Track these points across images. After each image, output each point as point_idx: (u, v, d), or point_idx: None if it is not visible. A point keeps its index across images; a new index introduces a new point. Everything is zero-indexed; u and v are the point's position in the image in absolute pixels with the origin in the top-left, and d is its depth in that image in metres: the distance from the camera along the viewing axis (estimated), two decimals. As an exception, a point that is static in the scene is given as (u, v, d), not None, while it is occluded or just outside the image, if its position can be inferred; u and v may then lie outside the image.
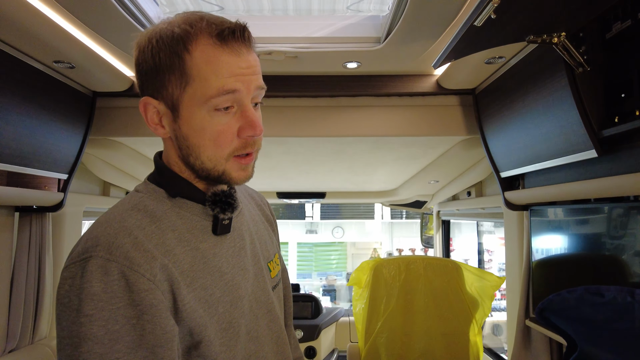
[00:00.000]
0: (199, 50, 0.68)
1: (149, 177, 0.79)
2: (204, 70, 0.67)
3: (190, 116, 0.70)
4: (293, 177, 2.90)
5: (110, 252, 0.62)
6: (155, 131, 0.75)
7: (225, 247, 0.78)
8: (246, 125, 0.71)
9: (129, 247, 0.63)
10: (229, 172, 0.73)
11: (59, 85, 1.53)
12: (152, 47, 0.70)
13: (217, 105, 0.69)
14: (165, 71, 0.69)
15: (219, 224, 0.76)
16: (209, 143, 0.71)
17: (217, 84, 0.67)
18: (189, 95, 0.69)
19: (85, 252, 0.63)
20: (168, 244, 0.68)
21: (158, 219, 0.70)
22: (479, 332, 2.15)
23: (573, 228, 1.44)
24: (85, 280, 0.60)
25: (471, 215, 2.87)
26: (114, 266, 0.61)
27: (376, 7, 1.48)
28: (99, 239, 0.64)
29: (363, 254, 10.51)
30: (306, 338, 3.01)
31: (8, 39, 1.22)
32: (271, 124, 1.80)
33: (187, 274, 0.69)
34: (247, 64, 0.70)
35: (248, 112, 0.71)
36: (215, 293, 0.72)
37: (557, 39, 1.00)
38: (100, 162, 2.16)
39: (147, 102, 0.72)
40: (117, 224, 0.66)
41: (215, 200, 0.76)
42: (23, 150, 1.39)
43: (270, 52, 1.44)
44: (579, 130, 1.09)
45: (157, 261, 0.65)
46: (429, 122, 1.78)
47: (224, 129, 0.70)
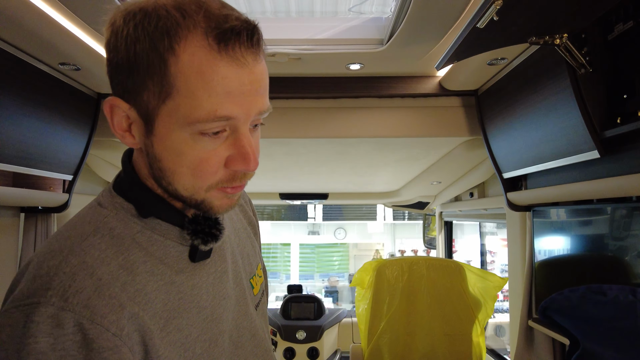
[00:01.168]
0: (188, 52, 0.50)
1: (114, 186, 0.63)
2: (192, 82, 0.50)
3: (167, 135, 0.54)
4: (295, 178, 2.91)
5: (66, 299, 0.48)
6: (123, 139, 0.58)
7: (204, 275, 0.65)
8: (238, 156, 0.55)
9: (90, 292, 0.50)
10: (209, 201, 0.59)
11: (64, 87, 1.54)
12: (127, 32, 0.52)
13: (203, 130, 0.52)
14: (140, 72, 0.52)
15: (198, 250, 0.63)
16: (186, 171, 0.55)
17: (207, 105, 0.51)
18: (168, 109, 0.52)
19: (32, 295, 0.49)
20: (138, 281, 0.55)
21: (126, 248, 0.56)
22: (482, 332, 2.16)
23: (575, 229, 1.44)
24: (29, 334, 0.46)
25: (474, 216, 2.87)
26: (69, 317, 0.48)
27: (378, 9, 1.49)
28: (52, 279, 0.50)
29: (365, 255, 10.50)
30: (309, 339, 3.01)
31: (14, 41, 1.24)
32: (274, 125, 1.80)
33: (161, 316, 0.57)
34: (251, 78, 0.53)
35: (243, 140, 0.55)
36: (192, 333, 0.60)
37: (559, 40, 1.00)
38: (104, 163, 2.18)
39: (114, 103, 0.56)
40: (75, 259, 0.52)
41: (196, 230, 0.62)
42: (29, 151, 1.41)
43: (274, 53, 1.45)
44: (581, 131, 1.09)
45: (125, 310, 0.52)
46: (431, 123, 1.79)
47: (208, 156, 0.54)
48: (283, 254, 10.82)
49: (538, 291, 1.60)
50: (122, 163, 0.64)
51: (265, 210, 10.38)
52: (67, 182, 1.75)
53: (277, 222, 10.57)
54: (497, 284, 2.11)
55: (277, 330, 3.08)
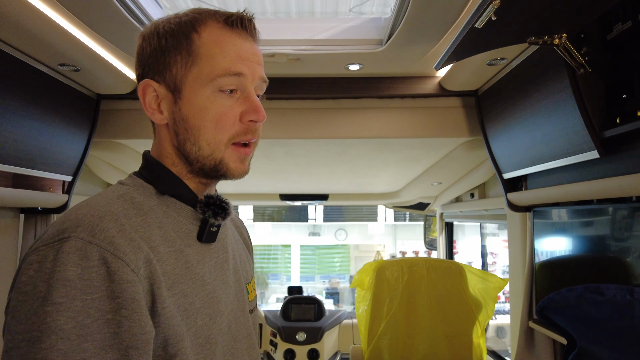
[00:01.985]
0: (207, 31, 0.68)
1: (135, 173, 0.73)
2: (211, 49, 0.67)
3: (193, 96, 0.67)
4: (296, 179, 2.91)
5: (93, 235, 0.55)
6: (152, 116, 0.71)
7: (208, 257, 0.72)
8: (250, 109, 0.69)
9: (114, 232, 0.57)
10: (226, 161, 0.69)
11: (63, 88, 1.55)
12: (158, 32, 0.69)
13: (222, 86, 0.67)
14: (171, 52, 0.68)
15: (207, 229, 0.71)
16: (209, 124, 0.67)
17: (224, 63, 0.66)
18: (193, 75, 0.67)
19: (62, 233, 0.55)
20: (153, 239, 0.62)
21: (145, 212, 0.65)
22: (482, 334, 2.15)
23: (576, 229, 1.44)
24: (59, 263, 0.52)
25: (474, 217, 2.87)
26: (95, 250, 0.54)
27: (378, 10, 1.49)
28: (81, 220, 0.56)
29: (366, 257, 10.49)
30: (309, 340, 3.01)
31: (14, 42, 1.24)
32: (274, 126, 1.80)
33: (169, 276, 0.62)
34: (253, 50, 0.70)
35: (252, 97, 0.70)
36: (196, 302, 0.66)
37: (558, 40, 1.00)
38: (103, 164, 2.18)
39: (147, 84, 0.69)
40: (102, 208, 0.59)
41: (208, 203, 0.71)
42: (28, 152, 1.41)
43: (273, 54, 1.45)
44: (581, 131, 1.09)
45: (142, 253, 0.58)
46: (431, 123, 1.78)
47: (226, 110, 0.68)
48: (284, 256, 10.81)
49: (538, 292, 1.59)
50: (143, 155, 0.75)
51: (266, 212, 10.37)
52: (67, 183, 1.75)
53: (278, 224, 10.57)
54: (498, 285, 2.10)
55: (278, 332, 3.07)
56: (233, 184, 3.18)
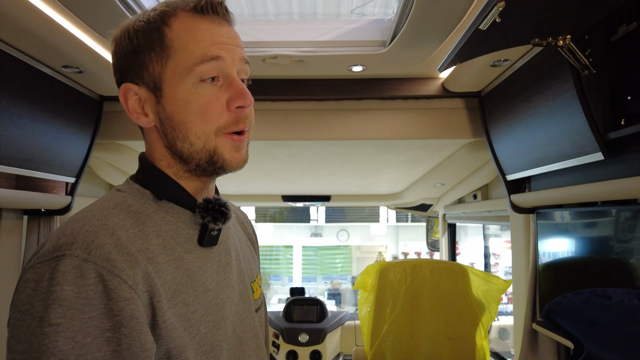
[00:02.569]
0: (177, 22, 0.65)
1: (132, 177, 0.71)
2: (184, 38, 0.64)
3: (174, 91, 0.65)
4: (298, 180, 2.91)
5: (89, 252, 0.54)
6: (138, 120, 0.68)
7: (210, 261, 0.70)
8: (235, 95, 0.66)
9: (110, 248, 0.55)
10: (221, 151, 0.66)
11: (67, 89, 1.55)
12: (128, 33, 0.66)
13: (202, 75, 0.64)
14: (144, 50, 0.65)
15: (207, 234, 0.69)
16: (195, 117, 0.64)
17: (199, 50, 0.64)
18: (171, 69, 0.64)
19: (57, 250, 0.54)
20: (152, 250, 0.61)
21: (142, 221, 0.63)
22: (486, 336, 2.14)
23: (580, 231, 1.43)
24: (55, 282, 0.51)
25: (477, 219, 2.86)
26: (91, 268, 0.53)
27: (381, 11, 1.49)
28: (76, 236, 0.55)
29: (368, 258, 10.49)
30: (311, 342, 3.00)
31: (18, 44, 1.24)
32: (276, 127, 1.80)
33: (169, 287, 0.61)
34: (229, 34, 0.67)
35: (235, 81, 0.66)
36: (198, 311, 0.64)
37: (563, 41, 1.00)
38: (106, 165, 2.18)
39: (127, 88, 0.67)
40: (97, 222, 0.58)
41: (207, 208, 0.69)
42: (32, 153, 1.41)
43: (276, 56, 1.45)
44: (585, 133, 1.09)
45: (140, 268, 0.57)
46: (434, 125, 1.78)
47: (211, 100, 0.65)
48: (285, 256, 10.81)
49: (542, 294, 1.59)
50: (139, 158, 0.73)
51: (268, 213, 10.37)
52: (70, 184, 1.75)
53: (280, 224, 10.57)
54: (501, 286, 2.09)
55: (280, 333, 3.07)
56: (235, 185, 3.18)
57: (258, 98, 1.79)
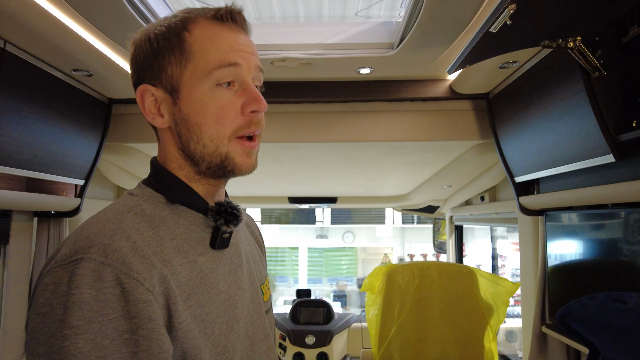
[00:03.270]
0: (198, 28, 0.67)
1: (144, 181, 0.72)
2: (204, 44, 0.66)
3: (192, 93, 0.67)
4: (305, 182, 2.91)
5: (106, 255, 0.55)
6: (153, 121, 0.70)
7: (222, 264, 0.71)
8: (250, 100, 0.68)
9: (127, 251, 0.56)
10: (232, 155, 0.68)
11: (76, 92, 1.56)
12: (149, 37, 0.68)
13: (219, 80, 0.66)
14: (164, 53, 0.67)
15: (219, 237, 0.70)
16: (210, 120, 0.66)
17: (217, 55, 0.66)
18: (189, 72, 0.67)
19: (74, 254, 0.55)
20: (166, 253, 0.62)
21: (156, 225, 0.64)
22: (494, 338, 2.13)
23: (589, 234, 1.42)
24: (73, 285, 0.52)
25: (484, 221, 2.85)
26: (108, 271, 0.54)
27: (386, 13, 1.49)
28: (92, 240, 0.56)
29: (374, 260, 10.47)
30: (318, 344, 3.00)
31: (28, 47, 1.25)
32: (284, 129, 1.81)
33: (184, 289, 0.62)
34: (246, 42, 0.70)
35: (250, 87, 0.69)
36: (212, 312, 0.66)
37: (573, 43, 0.99)
38: (115, 167, 2.20)
39: (144, 89, 0.69)
40: (113, 226, 0.59)
41: (219, 211, 0.70)
42: (42, 156, 1.42)
43: (284, 58, 1.46)
44: (596, 135, 1.08)
45: (156, 270, 0.58)
46: (442, 126, 1.78)
47: (226, 104, 0.67)
48: (291, 258, 10.82)
49: (551, 297, 1.58)
50: (150, 162, 0.74)
51: (274, 214, 10.39)
52: (79, 186, 1.77)
53: (285, 226, 10.59)
54: (509, 289, 2.08)
55: (287, 335, 3.07)
56: (242, 187, 3.19)
57: (266, 100, 1.80)
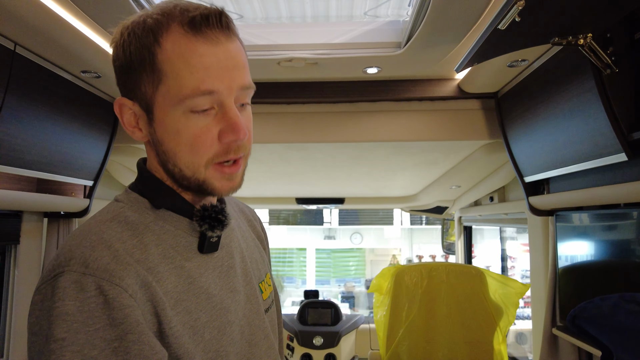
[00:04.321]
0: (169, 41, 0.59)
1: (130, 186, 0.70)
2: (176, 64, 0.59)
3: (164, 117, 0.61)
4: (312, 183, 2.91)
5: (87, 265, 0.54)
6: (133, 135, 0.67)
7: (211, 267, 0.69)
8: (227, 128, 0.61)
9: (108, 260, 0.55)
10: (210, 181, 0.64)
11: (85, 94, 1.58)
12: (124, 40, 0.62)
13: (193, 108, 0.60)
14: (136, 68, 0.61)
15: (206, 241, 0.68)
16: (184, 148, 0.61)
17: (191, 82, 0.58)
18: (161, 94, 0.60)
19: (57, 268, 0.54)
20: (151, 260, 0.60)
21: (140, 232, 0.62)
22: (503, 340, 2.11)
23: (601, 234, 1.40)
24: (56, 298, 0.51)
25: (494, 221, 2.82)
26: (90, 280, 0.52)
27: (394, 12, 1.48)
28: (73, 252, 0.55)
29: (382, 261, 10.44)
30: (326, 345, 2.99)
31: (38, 50, 1.27)
32: (291, 130, 1.81)
33: (172, 295, 0.60)
34: (226, 55, 0.61)
35: (229, 112, 0.61)
36: (201, 318, 0.63)
37: (583, 40, 0.97)
38: (123, 168, 2.21)
39: (121, 103, 0.65)
40: (94, 237, 0.58)
41: (203, 216, 0.67)
42: (52, 157, 1.44)
43: (291, 58, 1.45)
44: (607, 134, 1.06)
45: (139, 278, 0.56)
46: (450, 126, 1.76)
47: (201, 132, 0.61)
48: (299, 259, 10.82)
49: (562, 298, 1.55)
50: (137, 166, 0.71)
51: (281, 215, 10.41)
52: (88, 187, 1.78)
53: (293, 227, 10.60)
54: (519, 290, 2.06)
55: (294, 336, 3.07)
56: (249, 188, 3.20)
57: (272, 101, 1.80)
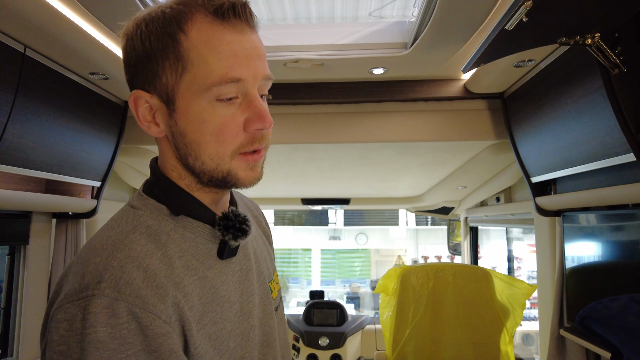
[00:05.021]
0: (195, 29, 0.58)
1: (144, 189, 0.67)
2: (202, 51, 0.57)
3: (188, 108, 0.60)
4: (318, 184, 2.91)
5: (119, 290, 0.52)
6: (148, 130, 0.64)
7: (231, 273, 0.68)
8: (254, 116, 0.60)
9: (139, 283, 0.53)
10: (234, 172, 0.62)
11: (93, 96, 1.59)
12: (141, 32, 0.60)
13: (219, 95, 0.59)
14: (157, 57, 0.59)
15: (227, 248, 0.67)
16: (210, 138, 0.60)
17: (219, 69, 0.57)
18: (186, 83, 0.59)
19: (85, 289, 0.52)
20: (177, 274, 0.59)
21: (163, 244, 0.60)
22: (510, 341, 2.10)
23: (609, 235, 1.39)
24: (87, 324, 0.49)
25: (500, 222, 2.81)
26: (122, 306, 0.51)
27: (399, 13, 1.48)
28: (102, 273, 0.53)
29: (387, 261, 10.41)
30: (332, 345, 2.99)
31: (47, 52, 1.28)
32: (297, 130, 1.81)
33: (197, 309, 0.60)
34: (251, 44, 0.60)
35: (255, 101, 0.61)
36: (226, 327, 0.63)
37: (591, 40, 0.97)
38: (130, 169, 2.22)
39: (137, 95, 0.62)
40: (120, 254, 0.55)
41: (227, 226, 0.66)
42: (60, 158, 1.45)
43: (297, 60, 1.46)
44: (615, 134, 1.06)
45: (170, 299, 0.55)
46: (456, 126, 1.76)
47: (227, 121, 0.60)
48: (304, 260, 10.82)
49: (569, 299, 1.55)
50: (150, 168, 0.68)
51: (286, 216, 10.41)
52: (96, 188, 1.79)
53: (298, 227, 10.60)
54: (526, 291, 2.05)
55: (300, 336, 3.07)
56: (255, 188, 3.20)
57: (279, 102, 1.81)
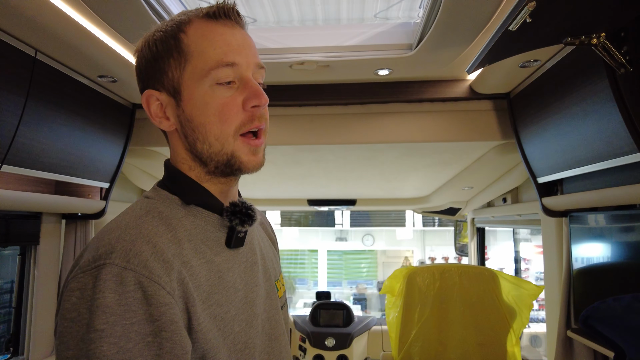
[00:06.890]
0: (193, 28, 0.69)
1: (158, 184, 0.74)
2: (200, 43, 0.68)
3: (193, 94, 0.68)
4: (324, 185, 2.92)
5: (128, 260, 0.56)
6: (160, 124, 0.72)
7: (237, 262, 0.73)
8: (250, 95, 0.68)
9: (148, 255, 0.58)
10: (238, 154, 0.69)
11: (102, 98, 1.61)
12: (148, 43, 0.70)
13: (218, 79, 0.67)
14: (163, 56, 0.69)
15: (235, 236, 0.72)
16: (213, 119, 0.67)
17: (215, 55, 0.67)
18: (188, 73, 0.68)
19: (98, 259, 0.56)
20: (185, 254, 0.63)
21: (174, 227, 0.65)
22: (517, 342, 2.09)
23: (616, 235, 1.38)
24: (97, 290, 0.54)
25: (507, 223, 2.80)
26: (130, 275, 0.55)
27: (405, 14, 1.49)
28: (114, 246, 0.57)
29: (394, 263, 10.38)
30: (338, 346, 3.00)
31: (56, 55, 1.30)
32: (303, 132, 1.82)
33: (203, 289, 0.63)
34: (242, 36, 0.70)
35: (250, 82, 0.69)
36: (231, 310, 0.67)
37: (597, 40, 0.97)
38: (138, 171, 2.25)
39: (149, 94, 0.71)
40: (133, 230, 0.60)
41: (234, 211, 0.72)
42: (70, 160, 1.47)
43: (303, 61, 1.47)
44: (622, 133, 1.05)
45: (175, 274, 0.59)
46: (462, 127, 1.76)
47: (227, 101, 0.68)
48: (311, 261, 10.82)
49: (577, 300, 1.54)
50: (164, 166, 0.75)
51: (293, 217, 10.43)
52: (104, 189, 1.82)
53: (305, 229, 10.60)
54: (533, 292, 2.04)
55: (307, 337, 3.08)
56: (262, 189, 3.22)
57: (285, 103, 1.82)
